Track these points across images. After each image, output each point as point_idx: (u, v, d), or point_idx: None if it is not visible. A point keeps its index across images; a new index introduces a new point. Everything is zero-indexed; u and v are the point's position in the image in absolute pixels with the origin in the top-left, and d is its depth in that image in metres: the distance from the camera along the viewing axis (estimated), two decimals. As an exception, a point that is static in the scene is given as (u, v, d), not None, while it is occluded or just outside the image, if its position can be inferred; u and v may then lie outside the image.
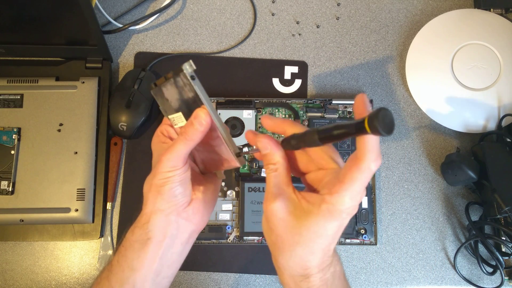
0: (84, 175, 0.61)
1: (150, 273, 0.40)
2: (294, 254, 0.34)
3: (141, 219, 0.40)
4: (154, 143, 0.43)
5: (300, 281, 0.35)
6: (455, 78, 0.66)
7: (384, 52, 0.69)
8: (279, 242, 0.35)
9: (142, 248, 0.39)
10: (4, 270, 0.62)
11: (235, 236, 0.62)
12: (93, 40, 0.61)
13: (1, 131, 0.62)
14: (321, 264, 0.35)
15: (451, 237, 0.64)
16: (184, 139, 0.38)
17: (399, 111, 0.68)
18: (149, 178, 0.40)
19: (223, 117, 0.64)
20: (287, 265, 0.36)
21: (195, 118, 0.37)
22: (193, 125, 0.37)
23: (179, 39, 0.69)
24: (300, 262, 0.35)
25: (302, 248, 0.34)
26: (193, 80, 0.38)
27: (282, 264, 0.36)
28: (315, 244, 0.34)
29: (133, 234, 0.40)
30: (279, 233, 0.35)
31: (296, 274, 0.35)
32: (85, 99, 0.63)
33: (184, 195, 0.40)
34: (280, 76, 0.68)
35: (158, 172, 0.38)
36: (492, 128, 0.65)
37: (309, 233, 0.33)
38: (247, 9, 0.71)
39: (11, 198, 0.60)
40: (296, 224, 0.34)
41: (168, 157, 0.38)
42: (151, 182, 0.39)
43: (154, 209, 0.40)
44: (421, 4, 0.71)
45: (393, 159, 0.66)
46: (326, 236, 0.33)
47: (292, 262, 0.35)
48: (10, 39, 0.62)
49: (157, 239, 0.39)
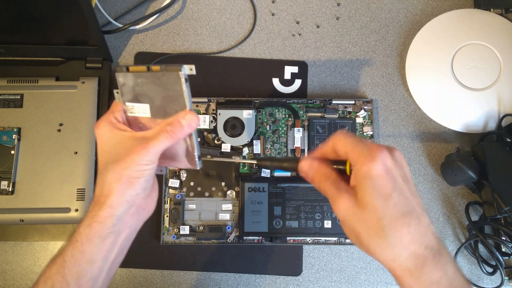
0: (84, 175, 0.61)
1: (107, 264, 0.40)
2: (378, 245, 0.33)
3: (101, 212, 0.38)
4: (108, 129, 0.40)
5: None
6: (455, 78, 0.66)
7: (384, 52, 0.69)
8: (364, 240, 0.34)
9: (102, 242, 0.39)
10: (4, 270, 0.62)
11: (235, 236, 0.62)
12: (93, 40, 0.61)
13: (1, 131, 0.62)
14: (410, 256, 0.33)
15: (451, 237, 0.64)
16: (170, 136, 0.38)
17: (399, 111, 0.68)
18: (117, 168, 0.38)
19: (223, 117, 0.64)
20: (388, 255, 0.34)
21: (185, 119, 0.38)
22: (182, 126, 0.38)
23: (179, 39, 0.69)
24: (384, 252, 0.33)
25: (379, 236, 0.33)
26: (185, 83, 0.38)
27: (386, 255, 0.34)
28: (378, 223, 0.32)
29: (91, 229, 0.38)
30: (358, 230, 0.34)
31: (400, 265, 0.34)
32: (85, 99, 0.63)
33: (150, 187, 0.41)
34: (280, 76, 0.68)
35: (135, 164, 0.38)
36: (492, 128, 0.65)
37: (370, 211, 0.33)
38: (247, 9, 0.71)
39: (11, 198, 0.60)
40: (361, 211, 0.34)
41: (148, 151, 0.38)
42: (122, 173, 0.38)
43: (121, 200, 0.38)
44: (421, 4, 0.71)
45: (393, 159, 0.66)
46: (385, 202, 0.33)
47: (383, 252, 0.34)
48: (10, 39, 0.62)
49: (119, 233, 0.39)
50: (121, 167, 0.38)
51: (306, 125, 0.65)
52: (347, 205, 0.34)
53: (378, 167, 0.33)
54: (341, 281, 0.63)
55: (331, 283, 0.63)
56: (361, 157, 0.34)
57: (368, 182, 0.33)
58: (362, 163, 0.33)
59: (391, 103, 0.68)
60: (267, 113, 0.65)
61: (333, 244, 0.62)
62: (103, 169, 0.40)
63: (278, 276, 0.63)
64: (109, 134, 0.40)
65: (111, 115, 0.42)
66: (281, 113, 0.65)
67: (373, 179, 0.33)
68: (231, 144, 0.64)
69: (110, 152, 0.39)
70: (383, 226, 0.32)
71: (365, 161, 0.33)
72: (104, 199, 0.39)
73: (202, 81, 0.68)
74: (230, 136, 0.64)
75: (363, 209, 0.33)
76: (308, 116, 0.65)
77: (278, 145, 0.65)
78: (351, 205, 0.34)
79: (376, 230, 0.33)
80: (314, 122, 0.64)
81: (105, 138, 0.40)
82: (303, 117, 0.65)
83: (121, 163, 0.38)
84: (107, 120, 0.41)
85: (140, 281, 0.62)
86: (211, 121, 0.64)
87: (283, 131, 0.65)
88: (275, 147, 0.64)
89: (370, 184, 0.33)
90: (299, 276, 0.63)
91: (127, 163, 0.38)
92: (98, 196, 0.39)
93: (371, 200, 0.33)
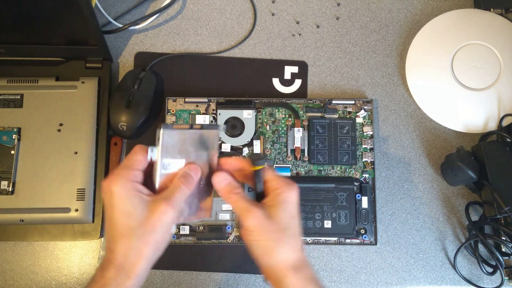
0: (84, 175, 0.61)
1: None
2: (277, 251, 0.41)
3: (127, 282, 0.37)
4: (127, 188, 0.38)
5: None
6: (455, 78, 0.66)
7: (384, 52, 0.69)
8: (269, 246, 0.41)
9: None
10: (4, 270, 0.62)
11: (235, 236, 0.62)
12: (93, 40, 0.61)
13: (1, 131, 0.62)
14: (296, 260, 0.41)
15: (451, 237, 0.64)
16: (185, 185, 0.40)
17: (399, 111, 0.68)
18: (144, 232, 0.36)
19: (223, 117, 0.64)
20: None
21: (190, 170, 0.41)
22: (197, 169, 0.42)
23: (179, 39, 0.69)
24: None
25: (282, 244, 0.41)
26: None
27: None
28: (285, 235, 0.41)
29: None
30: (265, 238, 0.41)
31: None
32: (85, 99, 0.63)
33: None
34: (280, 76, 0.68)
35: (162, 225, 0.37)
36: (492, 128, 0.65)
37: (280, 224, 0.41)
38: (247, 9, 0.71)
39: (11, 198, 0.60)
40: (270, 222, 0.41)
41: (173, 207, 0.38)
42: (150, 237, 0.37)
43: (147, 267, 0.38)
44: (421, 4, 0.71)
45: (393, 159, 0.66)
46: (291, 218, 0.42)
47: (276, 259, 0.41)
48: (10, 39, 0.62)
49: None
50: (149, 230, 0.37)
51: (306, 125, 0.65)
52: (260, 217, 0.40)
53: (295, 196, 0.42)
54: (341, 281, 0.63)
55: (331, 283, 0.63)
56: (285, 186, 0.42)
57: (286, 204, 0.41)
58: (284, 190, 0.42)
59: (391, 103, 0.68)
60: (267, 113, 0.65)
61: (333, 244, 0.63)
62: (126, 232, 0.37)
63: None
64: (128, 194, 0.37)
65: (131, 172, 0.39)
66: (281, 113, 0.65)
67: (290, 203, 0.42)
68: (231, 144, 0.64)
69: (131, 214, 0.37)
70: (286, 236, 0.41)
71: (287, 189, 0.42)
72: (131, 267, 0.37)
73: (202, 81, 0.68)
74: (230, 136, 0.64)
75: (275, 222, 0.40)
76: (308, 116, 0.65)
77: (278, 145, 0.65)
78: (263, 218, 0.40)
79: (281, 238, 0.40)
80: (314, 122, 0.64)
81: (124, 198, 0.37)
82: (303, 117, 0.65)
83: (148, 226, 0.37)
84: (126, 178, 0.38)
85: (140, 281, 0.62)
86: (211, 121, 0.65)
87: (283, 131, 0.65)
88: (275, 147, 0.64)
89: (287, 206, 0.41)
90: (299, 276, 0.63)
91: (154, 225, 0.37)
92: (122, 262, 0.37)
93: (284, 218, 0.41)
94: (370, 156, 0.64)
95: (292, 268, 0.40)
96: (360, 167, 0.64)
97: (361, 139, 0.65)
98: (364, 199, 0.63)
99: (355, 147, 0.64)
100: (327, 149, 0.64)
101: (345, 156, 0.64)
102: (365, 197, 0.63)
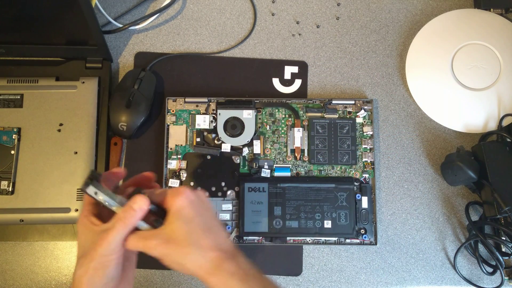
0: (84, 175, 0.61)
1: None
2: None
3: None
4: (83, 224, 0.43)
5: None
6: (455, 78, 0.66)
7: (384, 52, 0.69)
8: (180, 260, 0.41)
9: None
10: (4, 270, 0.62)
11: (235, 236, 0.62)
12: (93, 40, 0.61)
13: (1, 131, 0.62)
14: None
15: (451, 237, 0.64)
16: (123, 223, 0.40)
17: (399, 111, 0.68)
18: (84, 262, 0.40)
19: (223, 117, 0.64)
20: None
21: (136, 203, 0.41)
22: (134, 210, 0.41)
23: (179, 39, 0.69)
24: None
25: (188, 252, 0.41)
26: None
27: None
28: None
29: None
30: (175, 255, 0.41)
31: None
32: (85, 99, 0.63)
33: (119, 275, 0.42)
34: (280, 76, 0.68)
35: (98, 256, 0.40)
36: (492, 128, 0.65)
37: (179, 235, 0.41)
38: (247, 9, 0.71)
39: (11, 198, 0.60)
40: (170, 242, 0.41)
41: (109, 242, 0.40)
42: (88, 266, 0.40)
43: None
44: (421, 4, 0.71)
45: (393, 159, 0.66)
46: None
47: None
48: (10, 39, 0.62)
49: None
50: (87, 260, 0.40)
51: (306, 125, 0.65)
52: (158, 246, 0.40)
53: (182, 200, 0.41)
54: (341, 281, 0.63)
55: (331, 283, 0.63)
56: (170, 196, 0.42)
57: (178, 213, 0.41)
58: (169, 201, 0.41)
59: (391, 103, 0.68)
60: (267, 113, 0.65)
61: (333, 244, 0.63)
62: (77, 262, 0.42)
63: (278, 276, 0.63)
64: (83, 229, 0.43)
65: (86, 208, 0.44)
66: (281, 113, 0.65)
67: (180, 209, 0.41)
68: (231, 144, 0.64)
69: (84, 246, 0.42)
70: (191, 244, 0.40)
71: (172, 198, 0.41)
72: None
73: (202, 81, 0.68)
74: (230, 136, 0.64)
75: (174, 239, 0.40)
76: (308, 116, 0.65)
77: (278, 145, 0.65)
78: (162, 243, 0.40)
79: (186, 251, 0.40)
80: (314, 122, 0.64)
81: (81, 234, 0.43)
82: (303, 117, 0.65)
83: (87, 257, 0.40)
84: (83, 214, 0.43)
85: (140, 281, 0.62)
86: (211, 121, 0.65)
87: (283, 131, 0.65)
88: (275, 147, 0.65)
89: (180, 214, 0.41)
90: (299, 276, 0.63)
91: (91, 256, 0.40)
92: None
93: (181, 228, 0.41)
94: (370, 156, 0.64)
95: (208, 272, 0.40)
96: (360, 167, 0.64)
97: (361, 139, 0.65)
98: (364, 199, 0.63)
99: (355, 147, 0.64)
100: (327, 149, 0.64)
101: (345, 156, 0.64)
102: (365, 197, 0.63)
